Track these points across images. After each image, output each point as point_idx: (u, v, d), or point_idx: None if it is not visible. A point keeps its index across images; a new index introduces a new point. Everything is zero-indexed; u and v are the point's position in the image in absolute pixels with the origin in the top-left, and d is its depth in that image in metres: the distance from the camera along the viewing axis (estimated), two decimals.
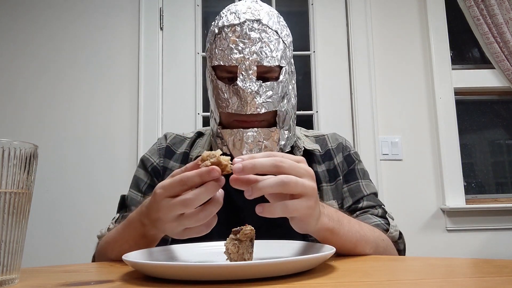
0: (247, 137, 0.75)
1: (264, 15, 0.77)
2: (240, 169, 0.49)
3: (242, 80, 0.73)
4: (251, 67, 0.74)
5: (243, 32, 0.75)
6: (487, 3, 2.04)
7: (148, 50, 2.02)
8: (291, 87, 0.82)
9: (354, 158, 0.89)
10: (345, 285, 0.40)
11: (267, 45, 0.75)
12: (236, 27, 0.75)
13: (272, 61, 0.75)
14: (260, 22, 0.76)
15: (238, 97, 0.74)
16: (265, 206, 0.49)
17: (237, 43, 0.75)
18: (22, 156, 0.43)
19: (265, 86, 0.75)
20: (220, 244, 0.53)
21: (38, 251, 1.84)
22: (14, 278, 0.43)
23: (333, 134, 0.94)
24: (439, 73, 2.04)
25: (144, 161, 0.89)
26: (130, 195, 0.87)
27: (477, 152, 2.16)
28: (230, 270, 0.41)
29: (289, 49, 0.81)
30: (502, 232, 1.94)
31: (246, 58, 0.74)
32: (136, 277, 0.47)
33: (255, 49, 0.74)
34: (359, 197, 0.84)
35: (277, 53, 0.76)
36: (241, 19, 0.75)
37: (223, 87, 0.76)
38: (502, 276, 0.43)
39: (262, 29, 0.75)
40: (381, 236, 0.73)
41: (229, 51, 0.75)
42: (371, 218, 0.79)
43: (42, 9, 2.05)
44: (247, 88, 0.73)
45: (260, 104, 0.74)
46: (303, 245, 0.58)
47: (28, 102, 1.98)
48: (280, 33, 0.78)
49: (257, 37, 0.75)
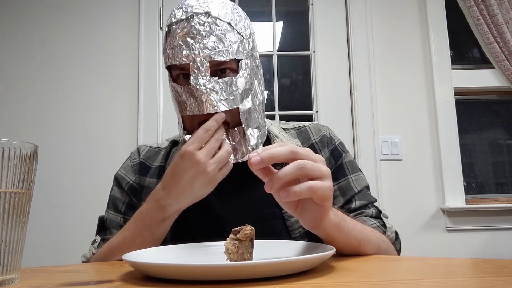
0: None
1: (214, 7, 0.71)
2: (259, 161, 0.50)
3: (194, 78, 0.68)
4: (203, 63, 0.68)
5: (191, 27, 0.69)
6: (487, 3, 2.04)
7: (148, 50, 2.02)
8: (256, 83, 0.76)
9: (340, 150, 0.85)
10: (345, 285, 0.40)
11: (219, 38, 0.69)
12: (183, 22, 0.69)
13: (226, 55, 0.69)
14: (209, 15, 0.69)
15: (193, 97, 0.69)
16: (289, 190, 0.50)
17: (186, 39, 0.69)
18: (22, 156, 0.43)
19: (222, 82, 0.69)
20: (220, 244, 0.53)
21: (38, 251, 1.84)
22: (14, 278, 0.43)
23: (315, 125, 0.90)
24: (439, 73, 2.04)
25: (119, 180, 0.86)
26: (109, 217, 0.83)
27: (477, 152, 2.16)
28: (230, 270, 0.41)
29: (248, 42, 0.74)
30: (502, 232, 1.94)
31: (196, 54, 0.68)
32: (136, 277, 0.47)
33: (206, 44, 0.68)
34: (350, 196, 0.81)
35: (231, 46, 0.70)
36: (188, 13, 0.70)
37: (178, 88, 0.71)
38: (502, 276, 0.43)
39: (212, 22, 0.69)
40: (382, 237, 0.73)
41: (178, 49, 0.69)
42: (366, 221, 0.77)
43: (42, 10, 2.05)
44: (200, 86, 0.68)
45: (217, 101, 0.68)
46: (303, 245, 0.58)
47: (28, 102, 1.98)
48: (234, 25, 0.71)
49: (207, 30, 0.69)
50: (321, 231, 0.58)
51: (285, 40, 2.18)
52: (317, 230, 0.58)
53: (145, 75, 2.00)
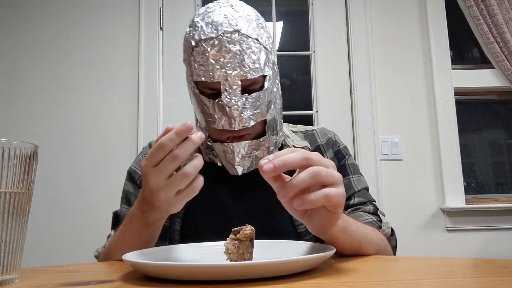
0: (238, 150, 0.74)
1: (242, 23, 0.72)
2: (272, 169, 0.48)
3: (226, 97, 0.70)
4: (235, 82, 0.70)
5: (223, 45, 0.70)
6: (487, 3, 2.04)
7: (148, 50, 2.02)
8: (275, 89, 0.79)
9: (344, 153, 0.89)
10: (345, 285, 0.40)
11: (248, 56, 0.71)
12: (214, 40, 0.71)
13: (256, 72, 0.72)
14: (239, 32, 0.71)
15: (225, 113, 0.71)
16: (304, 198, 0.48)
17: (217, 58, 0.70)
18: (22, 156, 0.43)
19: (251, 99, 0.72)
20: (220, 244, 0.53)
21: (38, 251, 1.84)
22: (14, 278, 0.43)
23: (321, 129, 0.92)
24: (439, 73, 2.04)
25: (132, 174, 0.88)
26: (122, 211, 0.85)
27: (477, 152, 2.16)
28: (230, 270, 0.41)
29: (271, 53, 0.77)
30: (502, 232, 1.94)
31: (229, 73, 0.70)
32: (136, 277, 0.47)
33: (237, 63, 0.70)
34: (350, 194, 0.83)
35: (260, 63, 0.73)
36: (218, 31, 0.71)
37: (207, 102, 0.73)
38: (502, 276, 0.43)
39: (242, 40, 0.71)
40: (380, 236, 0.74)
41: (210, 67, 0.71)
42: (363, 215, 0.79)
43: (42, 10, 2.05)
44: (233, 105, 0.70)
45: (248, 118, 0.72)
46: (303, 245, 0.58)
47: (28, 102, 1.98)
48: (260, 40, 0.74)
49: (238, 49, 0.71)
50: (328, 235, 0.57)
51: (285, 40, 2.18)
52: (325, 235, 0.57)
53: (145, 75, 2.00)
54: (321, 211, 0.53)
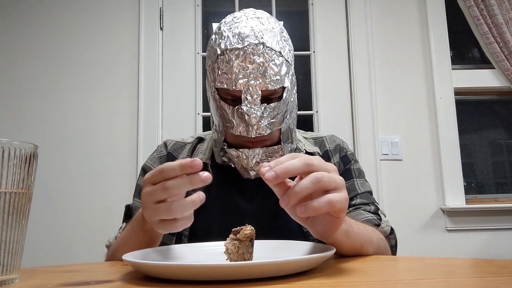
0: (253, 156, 0.77)
1: (268, 37, 0.76)
2: (274, 177, 0.47)
3: (247, 105, 0.74)
4: (256, 92, 0.74)
5: (247, 56, 0.74)
6: (487, 3, 2.04)
7: (148, 50, 2.02)
8: (292, 99, 0.82)
9: (350, 158, 0.91)
10: (345, 285, 0.40)
11: (271, 68, 0.75)
12: (239, 51, 0.74)
13: (276, 84, 0.75)
14: (264, 45, 0.75)
15: (243, 121, 0.75)
16: (308, 205, 0.47)
17: (241, 67, 0.74)
18: (22, 156, 0.43)
19: (269, 108, 0.75)
20: (220, 244, 0.53)
21: (38, 251, 1.84)
22: (14, 278, 0.43)
23: (331, 136, 0.95)
24: (439, 73, 2.04)
25: (146, 169, 0.90)
26: (134, 204, 0.88)
27: (477, 152, 2.16)
28: (230, 270, 0.41)
29: (291, 65, 0.80)
30: (502, 232, 1.94)
31: (251, 83, 0.74)
32: (136, 277, 0.47)
33: (260, 74, 0.74)
34: (353, 195, 0.84)
35: (281, 74, 0.76)
36: (244, 43, 0.74)
37: (227, 108, 0.76)
38: (502, 276, 0.43)
39: (265, 52, 0.75)
40: (379, 235, 0.74)
41: (234, 76, 0.74)
42: (362, 213, 0.80)
43: (42, 10, 2.05)
44: (252, 113, 0.74)
45: (265, 127, 0.75)
46: (303, 245, 0.58)
47: (28, 102, 1.98)
48: (283, 52, 0.77)
49: (261, 61, 0.74)
50: (331, 239, 0.57)
51: None
52: (328, 240, 0.57)
53: (145, 75, 2.00)
54: (324, 216, 0.52)
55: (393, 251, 0.80)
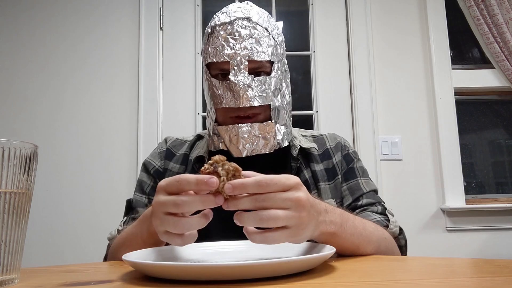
0: (243, 132, 0.77)
1: (254, 13, 0.80)
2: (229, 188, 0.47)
3: (234, 75, 0.76)
4: (242, 62, 0.76)
5: (234, 30, 0.78)
6: (487, 3, 2.04)
7: (148, 50, 2.02)
8: (284, 85, 0.84)
9: (353, 157, 0.90)
10: (345, 285, 0.40)
11: (257, 41, 0.78)
12: (227, 25, 0.78)
13: (262, 56, 0.78)
14: (250, 20, 0.79)
15: (231, 91, 0.77)
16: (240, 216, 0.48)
17: (228, 40, 0.77)
18: (22, 156, 0.43)
19: (257, 80, 0.77)
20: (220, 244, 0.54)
21: (38, 251, 1.84)
22: (14, 278, 0.43)
23: (331, 134, 0.94)
24: (439, 73, 2.04)
25: (146, 165, 0.92)
26: (135, 198, 0.89)
27: (477, 152, 2.16)
28: (230, 270, 0.41)
29: (280, 47, 0.83)
30: (502, 232, 1.94)
31: (237, 53, 0.76)
32: (136, 277, 0.47)
33: (246, 45, 0.77)
34: (358, 195, 0.84)
35: (267, 49, 0.79)
36: (231, 17, 0.79)
37: (217, 83, 0.79)
38: (502, 276, 0.43)
39: (252, 26, 0.78)
40: (383, 234, 0.73)
41: (220, 48, 0.78)
42: (370, 215, 0.79)
43: (41, 10, 2.05)
44: (239, 82, 0.76)
45: (252, 97, 0.76)
46: (303, 245, 0.58)
47: (28, 102, 1.98)
48: (270, 31, 0.80)
49: (247, 33, 0.78)
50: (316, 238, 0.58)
51: (285, 40, 2.18)
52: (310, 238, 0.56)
53: (145, 75, 2.00)
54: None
55: (402, 251, 0.80)
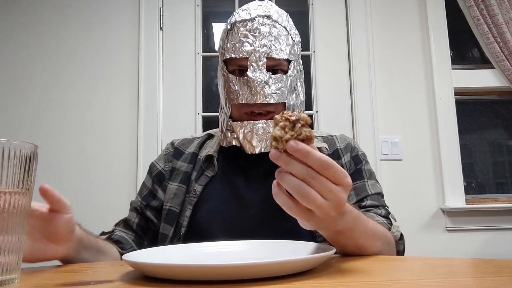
0: (257, 128, 0.78)
1: (274, 12, 0.81)
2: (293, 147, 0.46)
3: (252, 71, 0.77)
4: (261, 59, 0.77)
5: (254, 27, 0.78)
6: (487, 3, 2.04)
7: (148, 50, 2.02)
8: (299, 84, 0.86)
9: (361, 158, 0.89)
10: (345, 285, 0.40)
11: (276, 39, 0.79)
12: (247, 22, 0.79)
13: (281, 54, 0.78)
14: (270, 18, 0.80)
15: (248, 87, 0.77)
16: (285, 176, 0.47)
17: (248, 36, 0.78)
18: (22, 156, 0.43)
19: (275, 78, 0.78)
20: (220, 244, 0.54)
21: None
22: (14, 278, 0.43)
23: (342, 135, 0.94)
24: (439, 73, 2.04)
25: (151, 167, 0.92)
26: (134, 200, 0.91)
27: (477, 152, 2.16)
28: (230, 270, 0.41)
29: (297, 47, 0.84)
30: (502, 232, 1.94)
31: (257, 50, 0.77)
32: (136, 277, 0.47)
33: (265, 42, 0.78)
34: (363, 196, 0.83)
35: (286, 47, 0.79)
36: (252, 14, 0.80)
37: (234, 79, 0.79)
38: (502, 276, 0.43)
39: (272, 24, 0.79)
40: (387, 238, 0.71)
41: (240, 44, 0.78)
42: (373, 216, 0.78)
43: (41, 9, 2.05)
44: (257, 78, 0.76)
45: (269, 94, 0.77)
46: (304, 245, 0.58)
47: (28, 102, 1.98)
48: (289, 30, 0.82)
49: (267, 31, 0.78)
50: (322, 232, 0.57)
51: None
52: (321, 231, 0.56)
53: (145, 75, 1.99)
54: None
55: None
